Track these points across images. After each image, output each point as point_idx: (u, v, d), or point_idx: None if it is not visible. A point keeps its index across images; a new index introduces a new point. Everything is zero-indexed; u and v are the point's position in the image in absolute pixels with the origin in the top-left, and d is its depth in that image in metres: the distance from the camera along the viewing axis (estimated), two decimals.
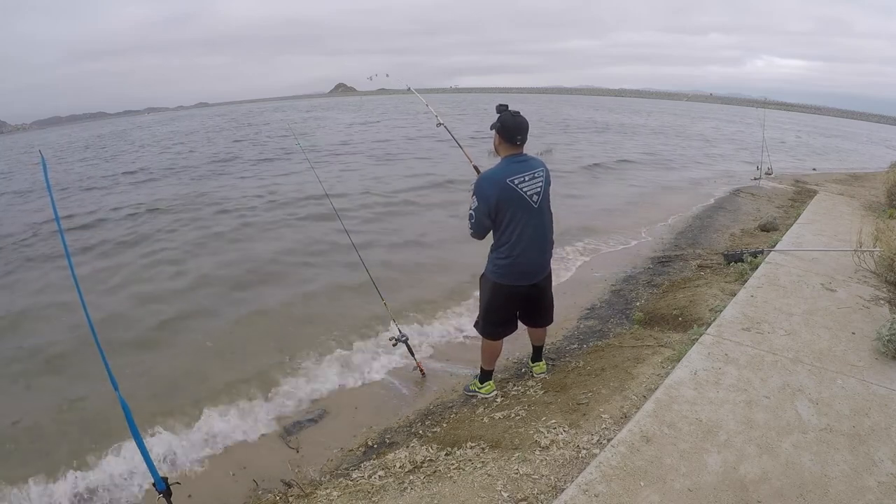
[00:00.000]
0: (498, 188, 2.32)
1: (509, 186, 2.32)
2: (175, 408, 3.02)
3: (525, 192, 2.35)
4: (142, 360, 3.60)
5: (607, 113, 37.64)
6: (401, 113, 33.98)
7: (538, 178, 2.38)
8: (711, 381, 2.37)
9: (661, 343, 3.04)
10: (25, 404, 3.16)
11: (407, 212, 7.83)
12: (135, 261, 5.89)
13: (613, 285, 4.60)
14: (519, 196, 2.34)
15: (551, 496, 1.82)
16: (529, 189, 2.36)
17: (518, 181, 2.33)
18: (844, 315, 3.08)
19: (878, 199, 7.40)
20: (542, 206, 2.42)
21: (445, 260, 5.53)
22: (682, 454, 1.91)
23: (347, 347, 3.63)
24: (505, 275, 2.50)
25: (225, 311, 4.42)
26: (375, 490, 2.07)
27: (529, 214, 2.38)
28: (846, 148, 21.80)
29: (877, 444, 1.98)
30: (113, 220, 7.93)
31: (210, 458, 2.62)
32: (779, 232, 5.42)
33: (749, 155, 14.17)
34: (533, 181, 2.36)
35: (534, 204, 2.38)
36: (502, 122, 2.35)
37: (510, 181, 2.32)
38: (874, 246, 3.95)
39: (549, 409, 2.48)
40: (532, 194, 2.37)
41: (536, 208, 2.39)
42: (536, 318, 2.78)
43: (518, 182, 2.33)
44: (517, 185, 2.33)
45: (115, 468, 2.52)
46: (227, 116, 44.69)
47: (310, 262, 5.67)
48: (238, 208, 8.27)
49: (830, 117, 67.08)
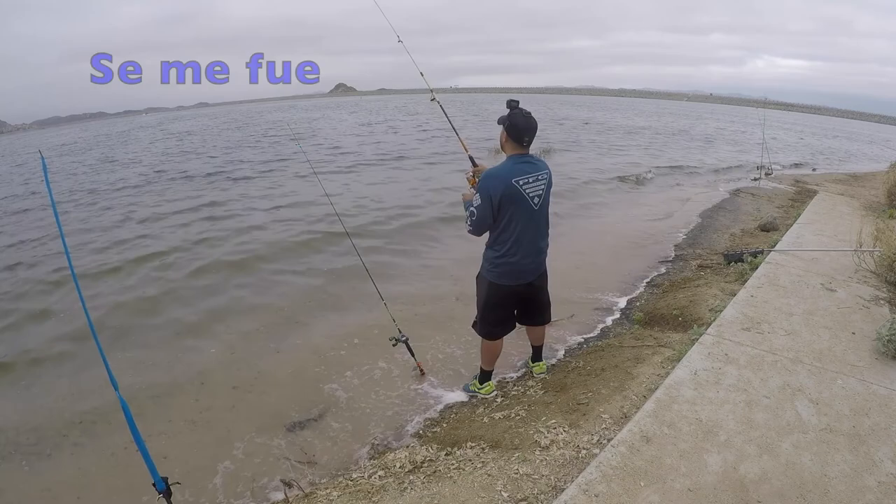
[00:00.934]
0: (503, 186, 2.32)
1: (514, 186, 2.33)
2: (175, 407, 3.02)
3: (528, 193, 2.36)
4: (141, 360, 3.61)
5: (614, 113, 37.52)
6: (407, 114, 33.74)
7: (542, 180, 2.39)
8: (711, 381, 2.37)
9: (661, 343, 3.04)
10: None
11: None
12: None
13: (614, 284, 4.60)
14: (522, 197, 2.35)
15: (551, 496, 1.82)
16: (532, 191, 2.37)
17: (523, 182, 2.34)
18: (844, 315, 3.08)
19: (878, 199, 7.41)
20: (541, 208, 2.44)
21: (445, 260, 5.54)
22: (682, 454, 1.91)
23: (347, 348, 3.63)
24: (501, 275, 2.51)
25: (223, 309, 4.42)
26: (375, 490, 2.07)
27: (529, 215, 2.40)
28: (846, 148, 21.81)
29: (877, 444, 1.98)
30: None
31: (210, 457, 2.62)
32: (779, 232, 5.42)
33: (750, 155, 14.19)
34: (537, 183, 2.37)
35: (535, 206, 2.39)
36: (512, 121, 2.33)
37: (516, 181, 2.33)
38: (874, 246, 3.95)
39: (549, 409, 2.49)
40: (534, 196, 2.38)
41: (536, 210, 2.41)
42: (534, 317, 2.79)
43: (523, 183, 2.34)
44: (521, 185, 2.34)
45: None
46: (228, 117, 44.42)
47: (307, 259, 5.70)
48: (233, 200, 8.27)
49: (831, 117, 67.13)
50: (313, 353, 3.58)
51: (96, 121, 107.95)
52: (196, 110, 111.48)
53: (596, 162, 12.58)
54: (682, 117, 36.17)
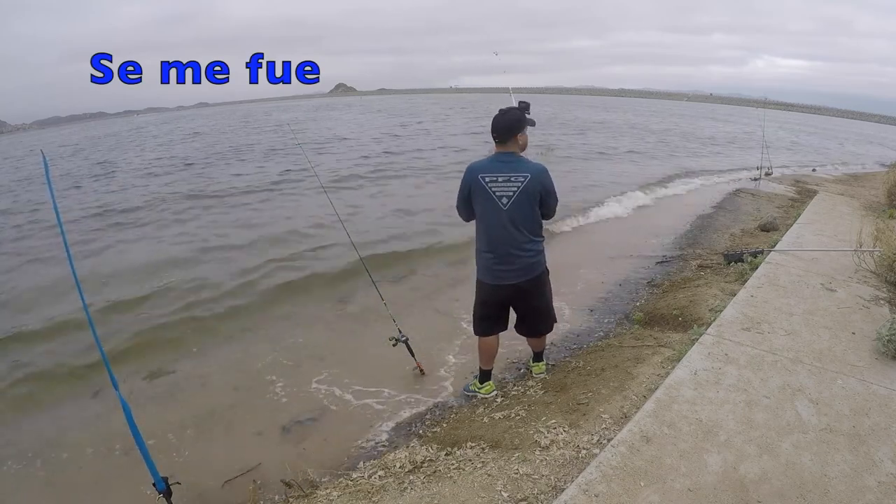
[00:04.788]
0: (470, 179, 2.43)
1: (479, 182, 2.39)
2: (175, 406, 3.02)
3: (494, 191, 2.38)
4: (144, 363, 3.61)
5: (623, 113, 37.35)
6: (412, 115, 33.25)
7: (515, 182, 2.36)
8: (711, 381, 2.37)
9: (661, 343, 3.04)
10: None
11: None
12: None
13: (614, 285, 4.60)
14: (487, 194, 2.39)
15: (551, 496, 1.82)
16: (500, 190, 2.37)
17: (489, 179, 2.38)
18: (844, 315, 3.08)
19: (878, 199, 7.41)
20: (513, 210, 2.39)
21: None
22: (682, 454, 1.91)
23: (347, 347, 3.63)
24: (480, 269, 2.59)
25: (223, 312, 4.42)
26: (375, 490, 2.07)
27: (496, 214, 2.40)
28: (847, 148, 21.81)
29: (877, 444, 1.98)
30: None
31: (210, 457, 2.62)
32: (779, 232, 5.42)
33: (747, 154, 14.18)
34: (507, 184, 2.37)
35: (502, 206, 2.38)
36: (492, 120, 2.42)
37: (482, 177, 2.39)
38: (874, 246, 3.95)
39: (549, 409, 2.49)
40: (502, 196, 2.37)
41: (505, 210, 2.39)
42: (531, 326, 2.76)
43: (489, 181, 2.38)
44: (487, 182, 2.38)
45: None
46: (230, 117, 44.25)
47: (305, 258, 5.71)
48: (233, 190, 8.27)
49: (831, 117, 67.10)
50: (313, 353, 3.58)
51: (96, 121, 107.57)
52: (196, 110, 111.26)
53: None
54: (682, 117, 36.14)
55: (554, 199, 2.50)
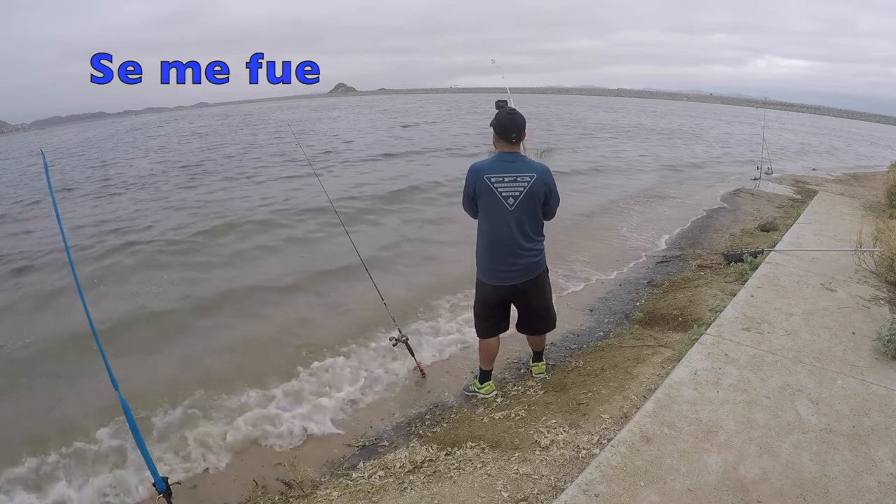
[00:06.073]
0: (475, 180, 2.41)
1: (485, 182, 2.38)
2: (175, 406, 3.02)
3: (500, 191, 2.37)
4: (141, 361, 3.61)
5: (629, 114, 37.19)
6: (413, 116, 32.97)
7: (521, 182, 2.37)
8: (711, 381, 2.37)
9: (661, 343, 3.04)
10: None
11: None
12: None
13: (614, 285, 4.60)
14: (493, 194, 2.38)
15: (551, 496, 1.82)
16: (506, 190, 2.37)
17: (495, 180, 2.37)
18: (844, 315, 3.08)
19: (878, 199, 7.41)
20: (519, 210, 2.39)
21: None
22: (682, 454, 1.91)
23: (347, 347, 3.63)
24: (481, 270, 2.57)
25: (221, 310, 4.43)
26: (375, 490, 2.07)
27: (501, 214, 2.40)
28: (847, 148, 21.79)
29: (877, 444, 1.98)
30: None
31: (210, 457, 2.62)
32: (779, 232, 5.42)
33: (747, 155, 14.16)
34: (514, 184, 2.37)
35: (508, 206, 2.38)
36: (498, 120, 2.39)
37: (487, 178, 2.37)
38: (874, 246, 3.95)
39: (549, 409, 2.49)
40: (508, 196, 2.37)
41: (511, 210, 2.39)
42: (531, 325, 2.77)
43: (495, 181, 2.37)
44: (493, 183, 2.37)
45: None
46: (231, 118, 44.13)
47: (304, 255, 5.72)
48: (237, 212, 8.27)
49: (832, 117, 67.02)
50: (313, 354, 3.57)
51: (96, 121, 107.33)
52: (196, 110, 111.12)
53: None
54: (683, 118, 36.10)
55: (556, 199, 2.51)
